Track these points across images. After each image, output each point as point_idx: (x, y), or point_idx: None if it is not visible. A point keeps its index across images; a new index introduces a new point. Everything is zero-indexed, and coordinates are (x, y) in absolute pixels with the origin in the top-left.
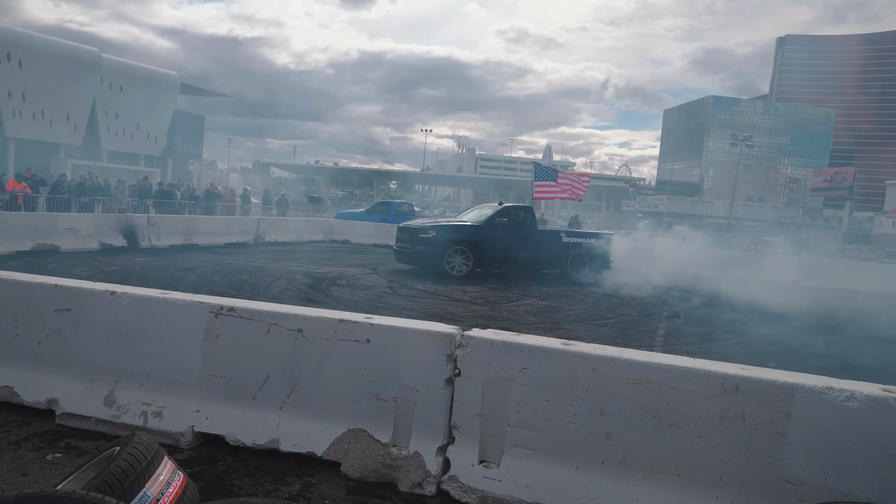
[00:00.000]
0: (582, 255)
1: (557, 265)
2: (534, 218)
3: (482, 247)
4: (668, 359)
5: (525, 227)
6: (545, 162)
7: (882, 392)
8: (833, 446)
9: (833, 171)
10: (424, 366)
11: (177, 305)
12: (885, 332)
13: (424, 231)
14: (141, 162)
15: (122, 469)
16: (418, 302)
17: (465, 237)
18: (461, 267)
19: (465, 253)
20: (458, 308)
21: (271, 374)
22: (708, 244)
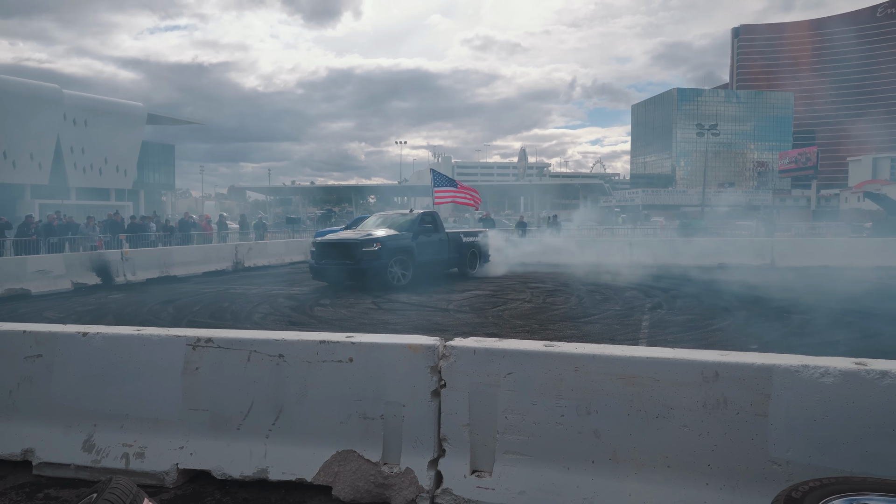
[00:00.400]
0: (475, 252)
1: (458, 264)
2: (441, 222)
3: (414, 254)
4: (649, 351)
5: (439, 231)
6: (521, 165)
7: (854, 366)
8: (813, 423)
9: (797, 153)
10: (409, 380)
11: (152, 341)
12: (858, 305)
13: (368, 244)
14: (112, 196)
15: None
16: (404, 315)
17: (403, 246)
18: (401, 277)
19: (403, 262)
20: (445, 317)
21: (255, 402)
22: (680, 233)
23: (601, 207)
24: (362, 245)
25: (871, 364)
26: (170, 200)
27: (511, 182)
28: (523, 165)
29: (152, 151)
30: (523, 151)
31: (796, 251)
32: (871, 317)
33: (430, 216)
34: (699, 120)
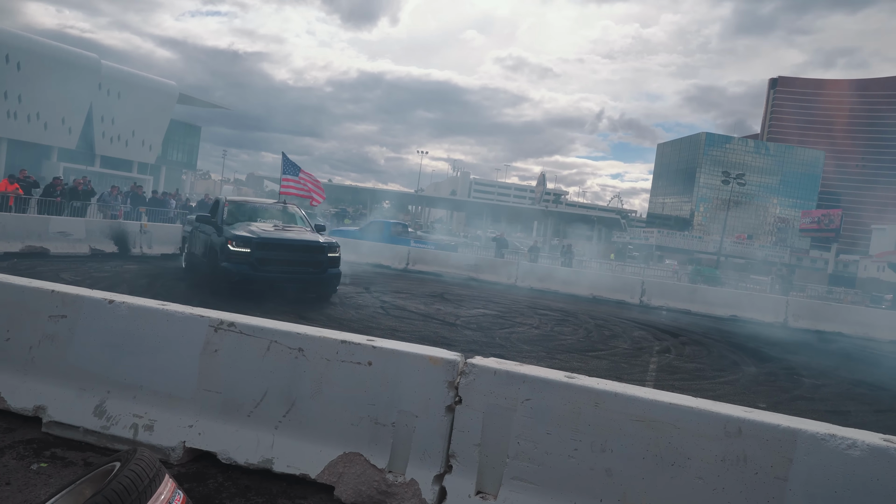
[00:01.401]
0: None
1: None
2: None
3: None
4: (672, 397)
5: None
6: (539, 189)
7: (883, 442)
8: (834, 494)
9: (821, 213)
10: (425, 392)
11: (176, 318)
12: (871, 377)
13: (333, 249)
14: (134, 169)
15: (125, 487)
16: (411, 324)
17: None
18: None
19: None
20: (451, 332)
21: (269, 392)
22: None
23: (614, 242)
24: (328, 249)
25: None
26: (189, 180)
27: (527, 205)
28: (541, 190)
29: (179, 130)
30: (543, 176)
31: (811, 313)
32: (882, 391)
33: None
34: (724, 167)
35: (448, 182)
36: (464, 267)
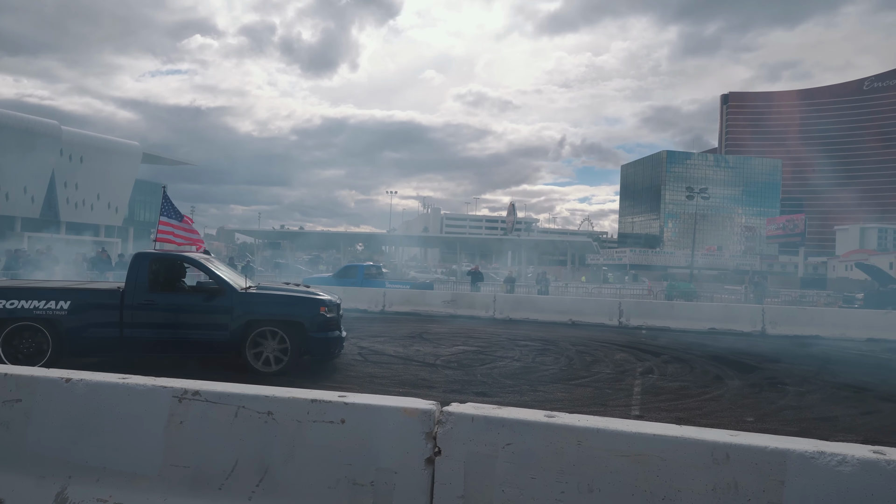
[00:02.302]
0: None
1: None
2: None
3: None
4: (655, 427)
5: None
6: (509, 219)
7: (873, 455)
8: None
9: (785, 219)
10: (403, 445)
11: (137, 391)
12: (853, 378)
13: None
14: (101, 232)
15: None
16: (390, 369)
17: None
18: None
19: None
20: (432, 374)
21: (239, 461)
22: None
23: (588, 265)
24: (320, 304)
25: (890, 454)
26: None
27: (499, 236)
28: (512, 220)
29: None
30: (512, 206)
31: (788, 319)
32: (866, 391)
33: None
34: (688, 182)
35: (419, 219)
36: (440, 304)
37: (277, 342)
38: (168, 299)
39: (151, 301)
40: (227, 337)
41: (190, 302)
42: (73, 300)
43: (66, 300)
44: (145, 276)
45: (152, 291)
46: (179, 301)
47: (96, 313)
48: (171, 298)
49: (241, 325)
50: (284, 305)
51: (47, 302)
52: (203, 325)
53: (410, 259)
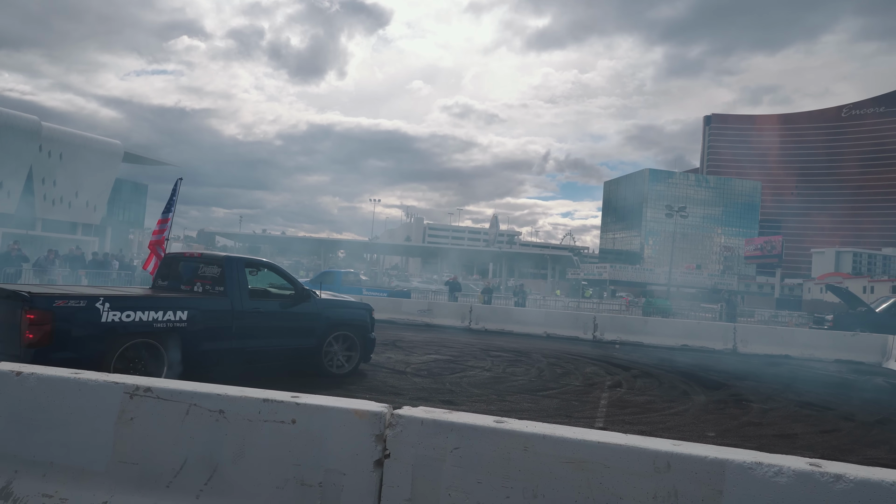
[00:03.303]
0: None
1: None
2: None
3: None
4: (601, 435)
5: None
6: (492, 231)
7: (809, 467)
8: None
9: (763, 240)
10: (352, 448)
11: (88, 386)
12: (817, 398)
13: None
14: (79, 231)
15: None
16: (360, 376)
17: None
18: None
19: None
20: (400, 381)
21: (188, 459)
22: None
23: (568, 279)
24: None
25: (825, 466)
26: (137, 239)
27: (481, 248)
28: (494, 232)
29: (125, 189)
30: (495, 218)
31: (759, 338)
32: (828, 410)
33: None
34: (669, 201)
35: (402, 228)
36: (416, 313)
37: (342, 345)
38: (267, 306)
39: (256, 309)
40: (314, 343)
41: (286, 309)
42: (190, 310)
43: (184, 310)
44: (245, 283)
45: (252, 299)
46: (276, 308)
47: (213, 324)
48: (268, 305)
49: (324, 330)
50: (353, 310)
51: (165, 313)
52: (298, 331)
53: (392, 268)
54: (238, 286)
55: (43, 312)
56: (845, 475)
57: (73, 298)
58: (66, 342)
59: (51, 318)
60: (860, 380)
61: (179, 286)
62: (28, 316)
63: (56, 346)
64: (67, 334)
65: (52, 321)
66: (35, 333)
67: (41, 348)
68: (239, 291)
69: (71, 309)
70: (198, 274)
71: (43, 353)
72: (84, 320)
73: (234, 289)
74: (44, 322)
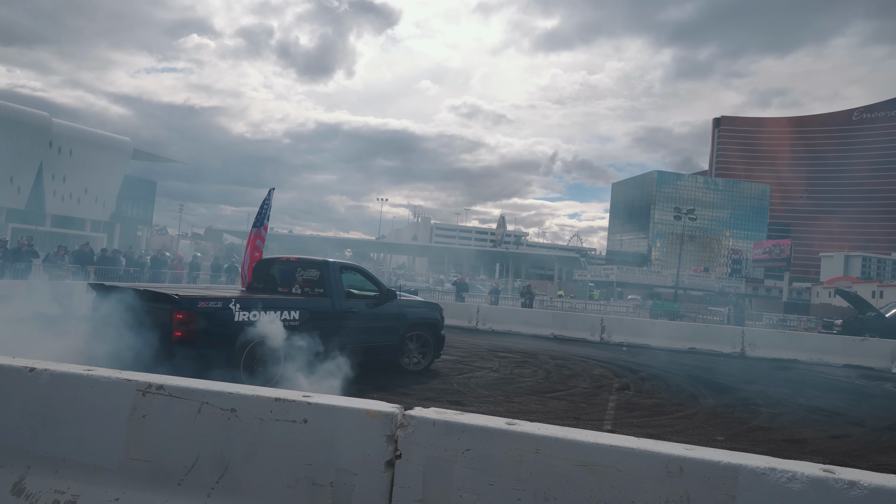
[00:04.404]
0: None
1: None
2: None
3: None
4: (613, 439)
5: None
6: (499, 232)
7: (823, 473)
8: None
9: (771, 244)
10: (364, 448)
11: (101, 383)
12: (826, 402)
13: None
14: (87, 227)
15: None
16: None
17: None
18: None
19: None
20: (410, 381)
21: (200, 457)
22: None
23: (575, 281)
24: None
25: (839, 472)
26: (145, 236)
27: (488, 248)
28: (501, 232)
29: (134, 186)
30: (502, 219)
31: (767, 342)
32: (837, 416)
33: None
34: (677, 203)
35: (409, 228)
36: None
37: (416, 342)
38: (359, 306)
39: (351, 308)
40: (396, 340)
41: (373, 309)
42: (301, 310)
43: (296, 310)
44: (341, 285)
45: (348, 299)
46: (366, 308)
47: (318, 323)
48: (360, 305)
49: (404, 329)
50: (428, 309)
51: (282, 313)
52: (383, 330)
53: (398, 267)
54: (336, 287)
55: (189, 312)
56: (860, 482)
57: (212, 300)
58: (207, 339)
59: (195, 318)
60: (869, 385)
61: (276, 288)
62: (177, 316)
63: (199, 343)
64: (208, 332)
65: (196, 320)
66: (182, 331)
67: (186, 344)
68: (337, 292)
69: (211, 309)
70: (296, 277)
71: (188, 348)
72: (222, 319)
73: (333, 290)
74: (190, 321)
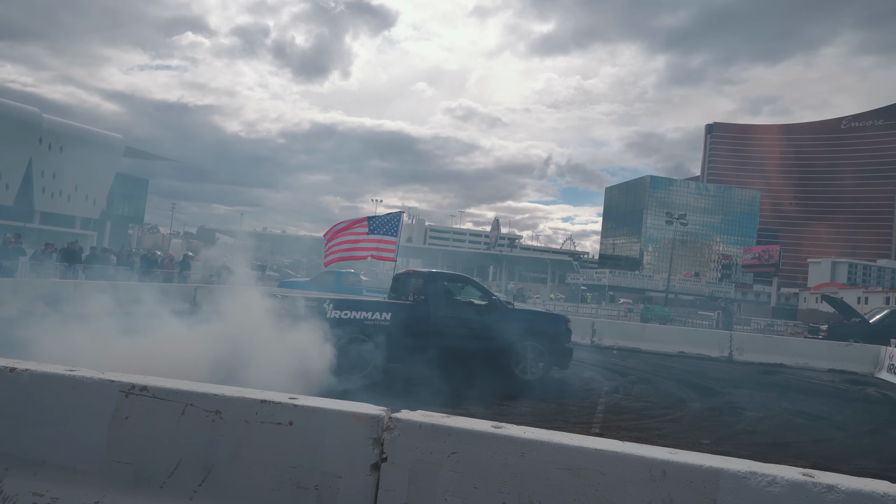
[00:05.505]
0: None
1: None
2: None
3: None
4: (597, 442)
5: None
6: (493, 234)
7: (802, 477)
8: None
9: (760, 249)
10: (349, 450)
11: (83, 384)
12: (810, 406)
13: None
14: (77, 224)
15: None
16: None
17: None
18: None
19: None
20: (396, 383)
21: (183, 459)
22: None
23: (568, 284)
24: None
25: (818, 476)
26: (136, 234)
27: (482, 251)
28: (495, 235)
29: (125, 184)
30: (497, 221)
31: (754, 346)
32: (821, 420)
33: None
34: (669, 208)
35: (403, 230)
36: None
37: (534, 353)
38: (462, 313)
39: (451, 315)
40: (503, 348)
41: (479, 317)
42: (392, 312)
43: (388, 312)
44: (442, 293)
45: (449, 306)
46: (470, 315)
47: (411, 324)
48: (463, 313)
49: (513, 338)
50: (542, 320)
51: (373, 314)
52: (488, 337)
53: (392, 269)
54: (435, 295)
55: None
56: (837, 486)
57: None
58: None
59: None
60: (853, 389)
61: (403, 296)
62: (281, 311)
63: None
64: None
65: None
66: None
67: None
68: (436, 299)
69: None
70: (412, 285)
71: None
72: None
73: (432, 297)
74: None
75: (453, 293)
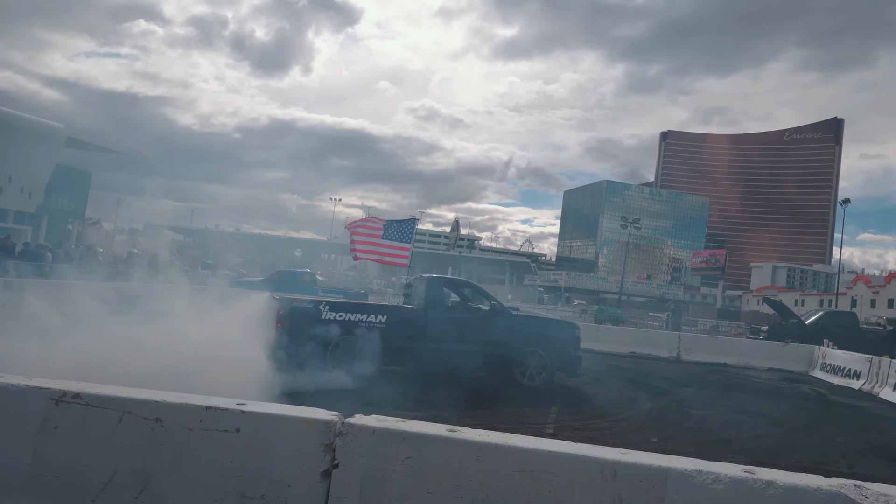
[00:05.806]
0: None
1: None
2: None
3: None
4: (553, 444)
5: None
6: (452, 235)
7: (744, 474)
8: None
9: (708, 253)
10: (299, 458)
11: (7, 391)
12: (751, 404)
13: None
14: (10, 219)
15: None
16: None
17: None
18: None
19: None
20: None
21: (118, 471)
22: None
23: (525, 286)
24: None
25: (758, 473)
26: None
27: (441, 251)
28: (455, 236)
29: (66, 177)
30: (456, 222)
31: (701, 347)
32: (760, 417)
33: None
34: (624, 213)
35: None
36: None
37: (537, 359)
38: (460, 317)
39: (449, 318)
40: (504, 353)
41: (480, 321)
42: (388, 314)
43: (384, 314)
44: (441, 296)
45: (447, 310)
46: (470, 319)
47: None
48: (462, 316)
49: (515, 344)
50: (548, 327)
51: (367, 315)
52: (488, 342)
53: (350, 269)
54: (432, 298)
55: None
56: (776, 481)
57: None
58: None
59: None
60: (789, 387)
61: (415, 301)
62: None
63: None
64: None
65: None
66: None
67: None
68: (433, 303)
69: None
70: (417, 289)
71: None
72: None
73: (430, 300)
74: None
75: (454, 297)
